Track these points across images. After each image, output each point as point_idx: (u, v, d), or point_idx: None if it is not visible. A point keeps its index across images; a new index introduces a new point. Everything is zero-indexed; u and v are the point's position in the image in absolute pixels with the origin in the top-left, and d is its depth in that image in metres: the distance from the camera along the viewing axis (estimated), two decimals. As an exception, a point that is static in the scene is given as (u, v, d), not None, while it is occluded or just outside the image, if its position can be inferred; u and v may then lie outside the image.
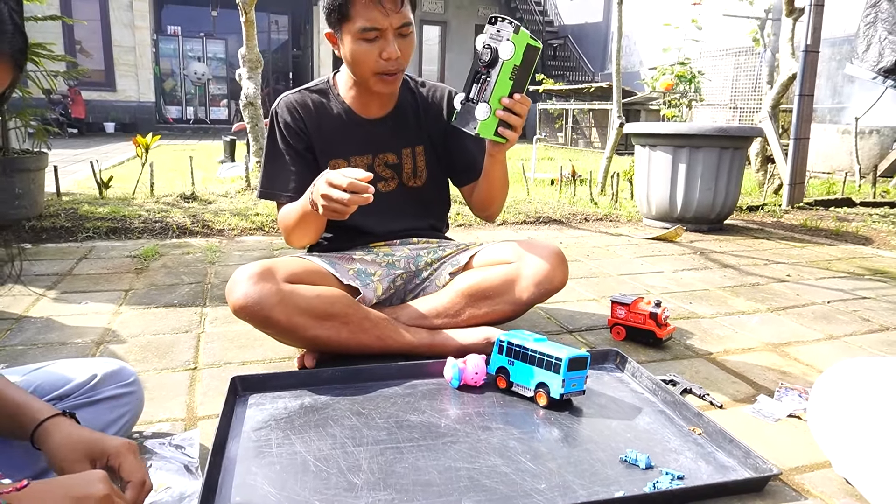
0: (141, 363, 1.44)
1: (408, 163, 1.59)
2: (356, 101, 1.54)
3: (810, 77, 4.08)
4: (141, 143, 3.47)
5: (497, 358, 1.29)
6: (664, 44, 5.00)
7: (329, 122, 1.53)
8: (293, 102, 1.53)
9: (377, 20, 1.34)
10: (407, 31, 1.39)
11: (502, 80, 1.27)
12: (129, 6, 12.96)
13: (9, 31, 0.61)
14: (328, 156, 1.53)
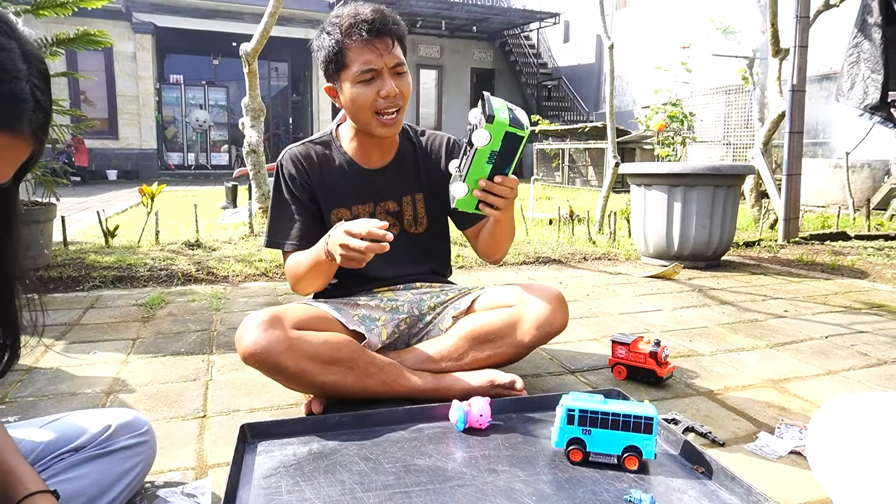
0: (150, 412, 1.46)
1: (408, 210, 1.65)
2: (358, 151, 1.61)
3: (798, 115, 4.19)
4: (147, 192, 3.54)
5: (567, 429, 1.18)
6: (656, 85, 5.14)
7: (332, 173, 1.59)
8: (297, 155, 1.59)
9: (372, 61, 1.42)
10: (401, 69, 1.47)
11: (478, 163, 1.24)
12: (132, 57, 13.30)
13: (29, 108, 0.63)
14: (331, 205, 1.58)
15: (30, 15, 3.00)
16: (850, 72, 4.49)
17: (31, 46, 0.65)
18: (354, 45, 1.42)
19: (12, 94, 0.61)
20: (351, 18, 1.43)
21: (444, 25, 15.60)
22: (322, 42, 1.47)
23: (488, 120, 1.18)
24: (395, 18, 1.47)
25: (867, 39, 4.34)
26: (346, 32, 1.43)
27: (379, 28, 1.42)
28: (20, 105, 0.62)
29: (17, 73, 0.61)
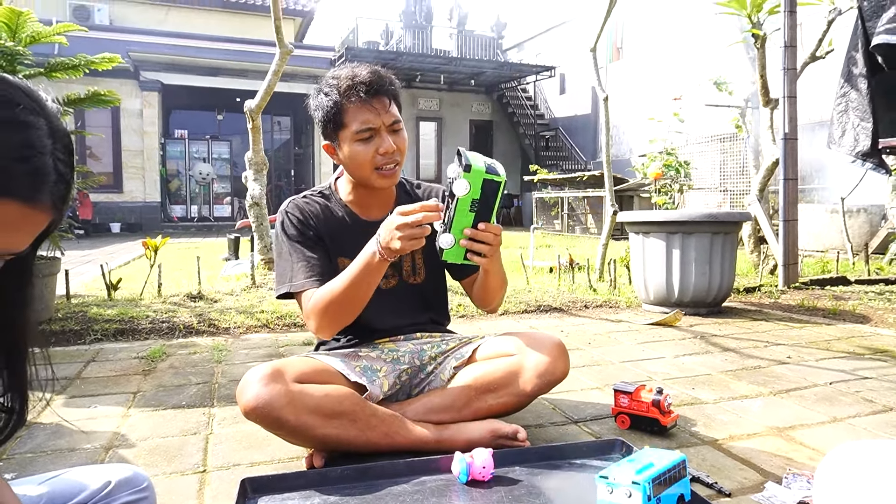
0: (150, 467, 1.44)
1: (407, 261, 1.67)
2: (356, 204, 1.63)
3: (792, 162, 4.26)
4: (150, 245, 3.58)
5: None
6: (651, 135, 5.26)
7: (333, 224, 1.61)
8: (301, 203, 1.62)
9: (370, 121, 1.47)
10: (398, 126, 1.52)
11: (461, 212, 1.27)
12: (139, 114, 13.62)
13: (51, 181, 0.65)
14: (335, 254, 1.60)
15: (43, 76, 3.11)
16: (840, 120, 4.59)
17: (58, 122, 0.68)
18: (352, 106, 1.47)
19: (36, 169, 0.63)
20: (348, 80, 1.47)
21: (443, 79, 16.02)
22: (320, 102, 1.51)
23: (466, 169, 1.23)
24: (390, 79, 1.53)
25: (854, 89, 4.46)
26: (345, 94, 1.47)
27: (376, 89, 1.47)
28: (42, 178, 0.64)
29: (42, 149, 0.64)
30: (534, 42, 18.92)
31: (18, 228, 0.64)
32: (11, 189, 0.61)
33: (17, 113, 0.62)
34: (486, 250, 1.31)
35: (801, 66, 4.56)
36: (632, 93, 13.46)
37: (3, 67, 2.85)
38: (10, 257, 0.68)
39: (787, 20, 4.26)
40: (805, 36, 5.54)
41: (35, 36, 2.95)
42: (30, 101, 0.65)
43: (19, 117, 0.62)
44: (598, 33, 4.47)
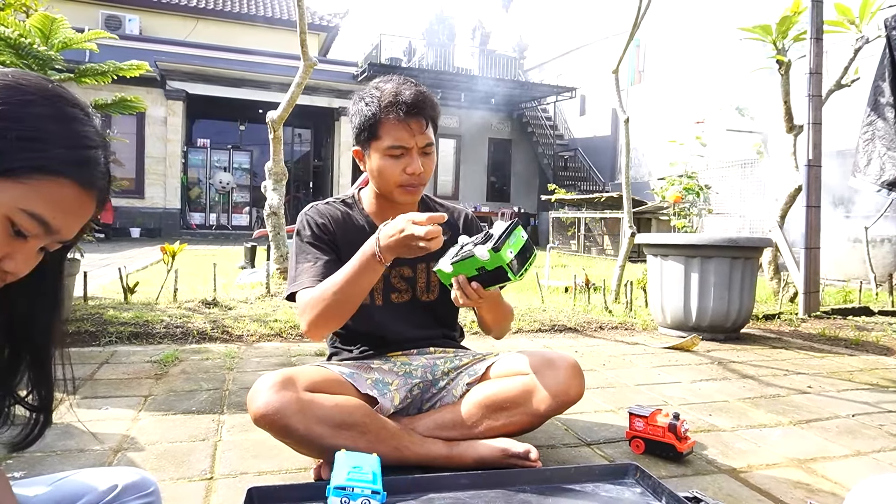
0: (157, 472, 1.43)
1: (422, 277, 1.65)
2: (378, 215, 1.63)
3: (815, 189, 4.21)
4: (168, 250, 3.60)
5: None
6: (671, 158, 5.22)
7: (352, 232, 1.61)
8: (322, 208, 1.63)
9: (404, 139, 1.47)
10: (430, 149, 1.52)
11: (468, 264, 1.30)
12: (163, 121, 13.85)
13: (102, 171, 0.74)
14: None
15: (72, 81, 3.16)
16: (866, 149, 4.53)
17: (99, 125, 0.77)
18: (390, 122, 1.47)
19: (93, 159, 0.72)
20: (391, 96, 1.47)
21: (464, 97, 16.12)
22: (359, 109, 1.52)
23: (495, 248, 1.26)
24: (433, 102, 1.52)
25: (881, 118, 4.40)
26: (385, 108, 1.47)
27: (416, 110, 1.47)
28: (97, 168, 0.73)
29: (97, 143, 0.73)
30: (555, 63, 19.01)
31: (74, 212, 0.72)
32: (73, 172, 0.69)
33: (75, 111, 0.72)
34: (465, 303, 1.35)
35: (826, 93, 4.52)
36: (652, 116, 13.44)
37: (35, 71, 2.91)
38: (59, 245, 0.74)
39: (812, 47, 4.23)
40: (830, 64, 5.50)
41: (67, 42, 3.01)
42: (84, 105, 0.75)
43: (79, 115, 0.72)
44: (621, 55, 4.47)
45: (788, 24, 4.60)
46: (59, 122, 0.70)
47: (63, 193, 0.69)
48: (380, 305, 1.62)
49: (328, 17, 17.77)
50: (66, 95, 0.72)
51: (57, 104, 0.71)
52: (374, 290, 1.61)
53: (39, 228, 0.69)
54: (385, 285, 1.62)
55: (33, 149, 0.67)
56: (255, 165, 15.57)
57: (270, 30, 16.53)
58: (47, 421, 0.88)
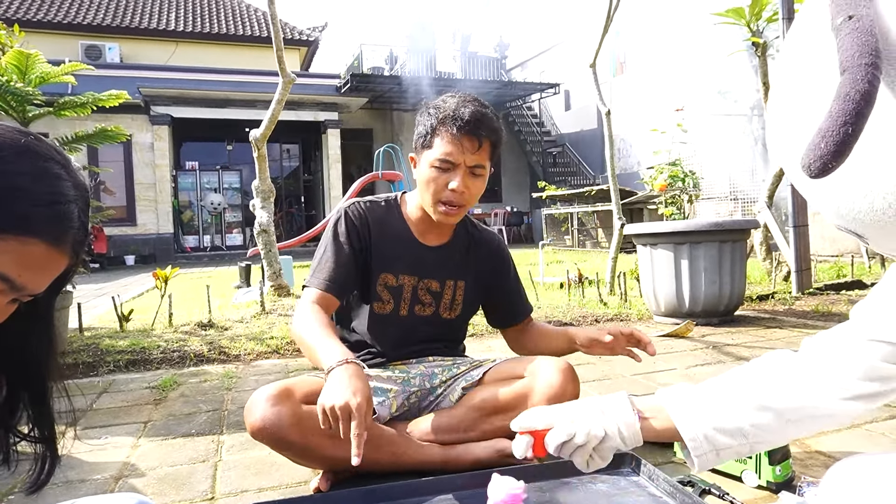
0: (159, 496, 1.45)
1: (447, 294, 1.67)
2: (417, 225, 1.64)
3: (799, 168, 4.23)
4: (160, 275, 3.61)
5: None
6: (656, 147, 5.25)
7: (388, 236, 1.63)
8: (362, 208, 1.63)
9: (453, 154, 1.47)
10: (480, 172, 1.52)
11: None
12: (150, 147, 13.84)
13: (75, 227, 0.73)
14: (382, 269, 1.61)
15: (52, 115, 3.18)
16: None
17: (80, 178, 0.77)
18: (444, 134, 1.48)
19: (63, 215, 0.71)
20: (451, 110, 1.49)
21: (449, 101, 16.10)
22: (422, 117, 1.54)
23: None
24: (492, 126, 1.51)
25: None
26: (442, 120, 1.49)
27: (470, 129, 1.47)
28: (68, 224, 0.72)
29: (70, 198, 0.72)
30: (537, 60, 19.07)
31: (43, 268, 0.71)
32: (42, 231, 0.68)
33: (50, 166, 0.71)
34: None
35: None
36: (637, 106, 13.49)
37: (14, 108, 2.93)
38: (29, 298, 0.73)
39: (785, 27, 4.26)
40: (806, 42, 5.53)
41: (44, 76, 3.02)
42: (59, 156, 0.74)
43: (52, 170, 0.71)
44: (597, 49, 4.50)
45: (761, 6, 4.65)
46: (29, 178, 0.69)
47: (30, 252, 0.68)
48: (404, 315, 1.63)
49: (307, 31, 17.81)
50: (39, 150, 0.71)
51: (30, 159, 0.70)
52: (402, 300, 1.62)
53: (4, 285, 0.68)
54: (412, 296, 1.64)
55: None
56: (246, 184, 15.55)
57: (250, 48, 16.56)
58: (54, 456, 0.88)
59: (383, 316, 1.62)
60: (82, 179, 0.77)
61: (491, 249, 1.74)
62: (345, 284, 1.55)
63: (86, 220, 0.76)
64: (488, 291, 1.75)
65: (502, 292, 1.76)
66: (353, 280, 1.58)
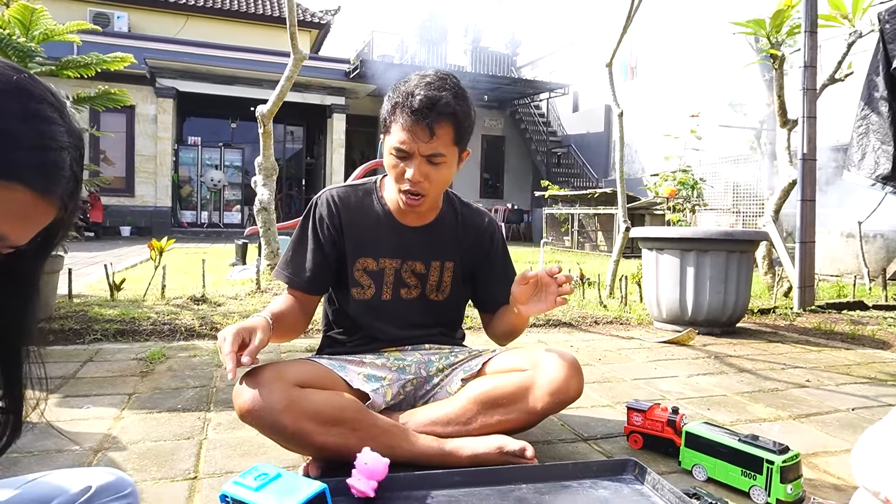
0: (139, 472, 1.38)
1: (434, 275, 1.60)
2: (397, 207, 1.57)
3: (810, 183, 4.18)
4: (156, 246, 3.54)
5: None
6: (665, 152, 5.20)
7: (366, 222, 1.56)
8: (334, 197, 1.56)
9: (406, 143, 1.39)
10: (439, 160, 1.42)
11: None
12: (153, 119, 13.72)
13: (66, 176, 0.67)
14: (358, 254, 1.55)
15: (54, 75, 3.09)
16: (860, 143, 4.51)
17: (75, 124, 0.71)
18: (398, 121, 1.40)
19: (53, 162, 0.66)
20: (404, 94, 1.39)
21: (457, 94, 16.00)
22: (388, 97, 1.46)
23: None
24: (449, 110, 1.39)
25: (874, 112, 4.38)
26: (397, 104, 1.40)
27: (422, 115, 1.37)
28: (57, 172, 0.66)
29: (61, 144, 0.67)
30: (548, 60, 18.96)
31: (25, 218, 0.66)
32: (26, 177, 0.63)
33: (42, 107, 0.65)
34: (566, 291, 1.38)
35: (819, 88, 4.49)
36: (645, 112, 13.41)
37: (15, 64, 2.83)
38: (10, 250, 0.68)
39: (807, 40, 4.20)
40: (823, 59, 5.48)
41: (48, 33, 2.93)
42: (54, 98, 0.68)
43: (44, 112, 0.66)
44: (615, 48, 4.42)
45: (782, 19, 4.58)
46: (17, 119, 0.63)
47: (13, 199, 0.63)
48: (387, 300, 1.57)
49: (320, 14, 17.66)
50: (31, 89, 0.65)
51: (20, 99, 0.64)
52: (384, 284, 1.56)
53: None
54: (395, 279, 1.57)
55: None
56: (247, 163, 15.44)
57: (261, 26, 16.39)
58: (17, 426, 0.83)
59: (365, 301, 1.56)
60: (78, 127, 0.71)
61: (478, 227, 1.66)
62: (309, 279, 1.52)
63: (79, 171, 0.70)
64: (474, 279, 1.68)
65: (484, 274, 1.67)
66: (322, 273, 1.54)
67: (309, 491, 1.00)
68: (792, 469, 1.28)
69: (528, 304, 1.42)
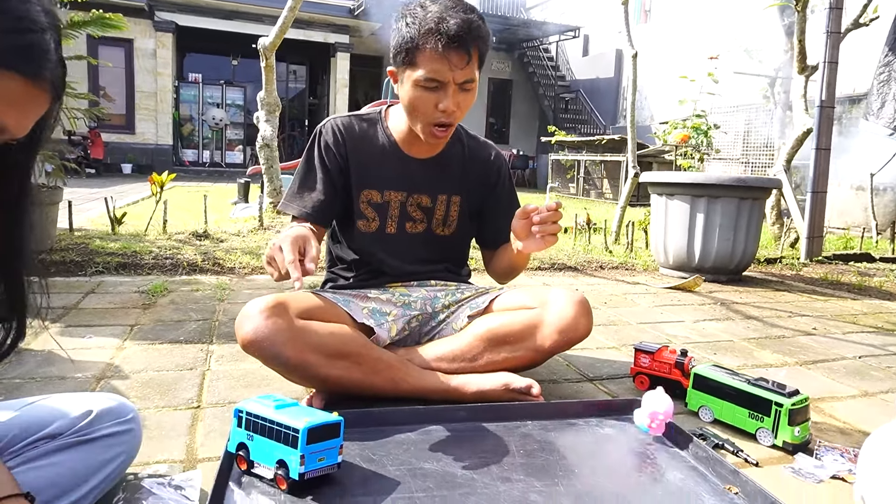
0: (141, 400, 1.37)
1: (440, 209, 1.56)
2: (403, 138, 1.51)
3: (826, 131, 4.07)
4: (157, 180, 3.48)
5: (235, 432, 1.04)
6: (678, 96, 5.04)
7: (371, 152, 1.50)
8: (340, 125, 1.50)
9: (441, 73, 1.31)
10: (470, 86, 1.35)
11: None
12: (153, 54, 13.38)
13: (53, 59, 0.65)
14: (363, 185, 1.50)
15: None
16: (881, 91, 4.38)
17: (50, 4, 0.68)
18: (428, 51, 1.30)
19: (37, 44, 0.63)
20: (434, 22, 1.29)
21: (464, 34, 15.54)
22: (399, 29, 1.35)
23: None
24: (481, 33, 1.33)
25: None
26: (425, 34, 1.30)
27: (459, 42, 1.29)
28: (43, 55, 0.64)
29: (42, 26, 0.64)
30: (559, 2, 18.32)
31: (21, 106, 0.64)
32: (14, 62, 0.61)
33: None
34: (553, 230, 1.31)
35: (843, 31, 4.31)
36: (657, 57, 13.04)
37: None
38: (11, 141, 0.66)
39: (834, -21, 4.00)
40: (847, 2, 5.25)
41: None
42: None
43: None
44: (632, -16, 4.23)
45: (809, -44, 4.36)
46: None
47: (6, 87, 0.61)
48: (392, 233, 1.53)
49: (324, -55, 16.96)
50: None
51: None
52: (389, 217, 1.52)
53: None
54: (401, 213, 1.52)
55: None
56: (249, 102, 15.14)
57: (263, -42, 15.78)
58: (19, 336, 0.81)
59: (370, 234, 1.52)
60: (53, 7, 0.68)
61: (486, 160, 1.61)
62: (320, 209, 1.46)
63: (62, 54, 0.68)
64: (480, 213, 1.63)
65: (490, 209, 1.62)
66: (332, 203, 1.48)
67: (326, 417, 0.99)
68: (800, 412, 1.27)
69: (528, 241, 1.37)
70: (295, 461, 0.95)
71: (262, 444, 0.99)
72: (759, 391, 1.30)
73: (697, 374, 1.42)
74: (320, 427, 0.97)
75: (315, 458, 0.97)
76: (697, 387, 1.43)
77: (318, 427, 0.97)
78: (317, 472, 0.98)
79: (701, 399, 1.42)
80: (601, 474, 1.11)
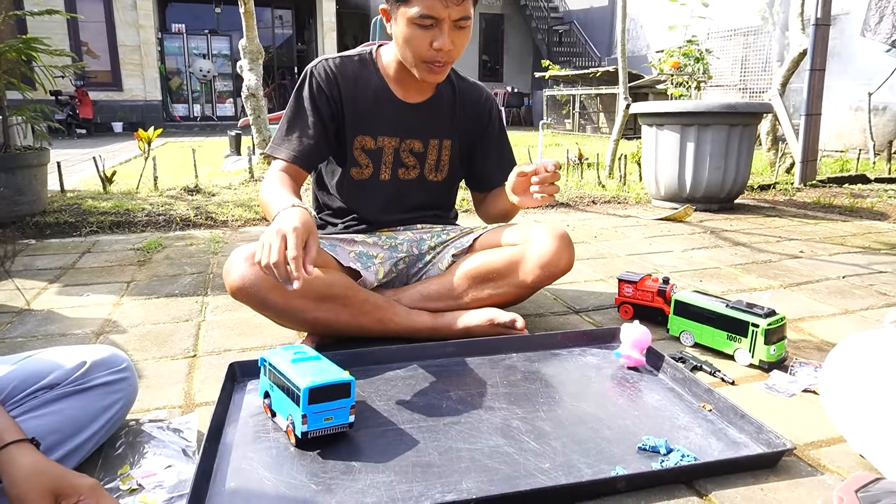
0: (139, 352, 1.42)
1: (432, 154, 1.56)
2: (396, 81, 1.49)
3: (821, 51, 3.99)
4: (143, 136, 3.46)
5: (262, 380, 1.08)
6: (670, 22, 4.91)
7: (363, 96, 1.48)
8: (332, 67, 1.47)
9: (436, 10, 1.29)
10: (465, 24, 1.33)
11: None
12: (133, 6, 12.98)
13: None
14: (356, 130, 1.48)
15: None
16: (878, 5, 4.26)
17: None
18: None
19: None
20: None
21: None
22: None
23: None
24: None
25: (897, -31, 4.10)
26: None
27: None
28: None
29: None
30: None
31: None
32: None
33: None
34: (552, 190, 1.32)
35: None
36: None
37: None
38: None
39: None
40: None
41: None
42: None
43: None
44: None
45: None
46: None
47: None
48: (385, 180, 1.54)
49: None
50: None
51: None
52: (382, 164, 1.52)
53: None
54: (395, 159, 1.53)
55: None
56: (236, 52, 14.78)
57: None
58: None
59: (362, 181, 1.52)
60: None
61: (476, 102, 1.60)
62: (311, 154, 1.44)
63: None
64: (470, 156, 1.63)
65: (481, 151, 1.63)
66: (323, 148, 1.47)
67: (334, 377, 0.98)
68: (776, 332, 1.31)
69: (524, 197, 1.38)
70: (298, 420, 0.96)
71: (279, 397, 1.03)
72: (736, 313, 1.34)
73: (678, 301, 1.46)
74: (325, 387, 0.96)
75: (320, 418, 0.96)
76: (678, 312, 1.46)
77: (321, 387, 0.96)
78: (323, 432, 0.97)
79: (682, 324, 1.46)
80: (581, 399, 1.16)
